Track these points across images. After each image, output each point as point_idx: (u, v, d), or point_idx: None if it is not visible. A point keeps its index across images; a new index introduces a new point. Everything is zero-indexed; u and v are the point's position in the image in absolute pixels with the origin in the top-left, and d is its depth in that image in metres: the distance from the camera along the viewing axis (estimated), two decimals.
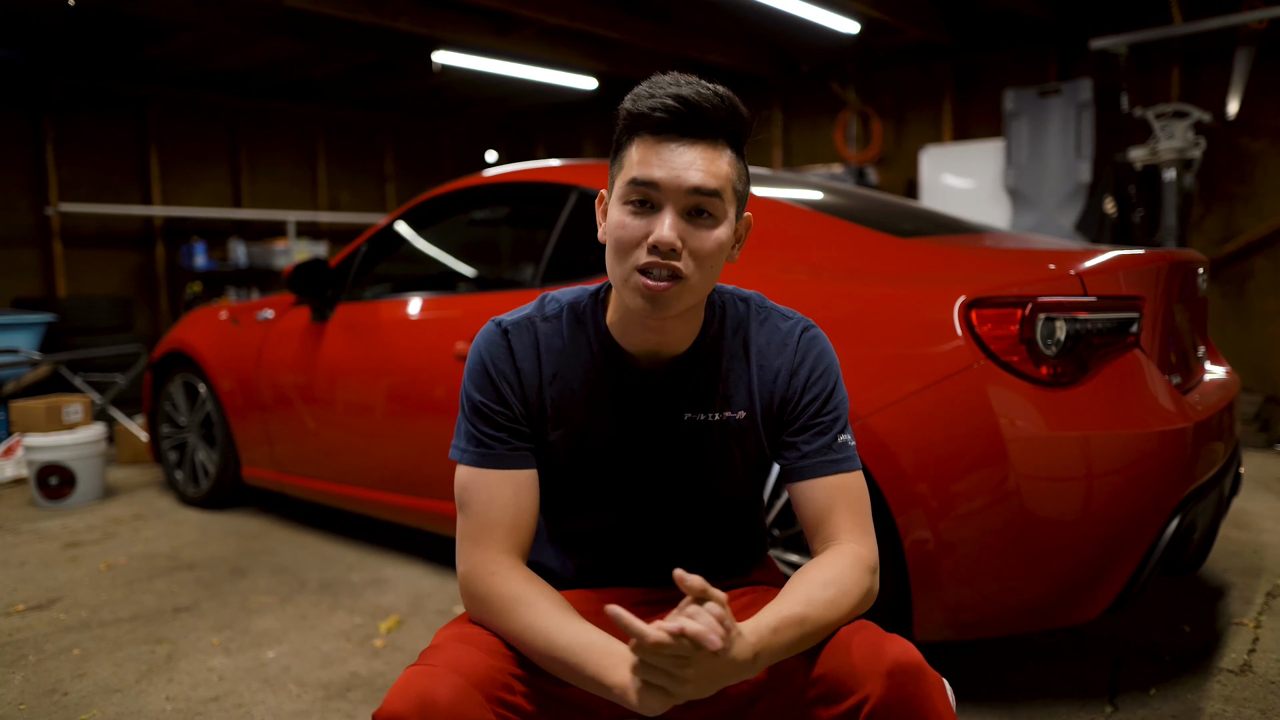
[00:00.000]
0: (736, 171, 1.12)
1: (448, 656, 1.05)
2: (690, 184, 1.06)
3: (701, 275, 1.10)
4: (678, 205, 1.07)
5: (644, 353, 1.20)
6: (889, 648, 1.02)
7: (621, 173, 1.11)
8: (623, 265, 1.10)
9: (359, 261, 3.34)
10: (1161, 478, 1.92)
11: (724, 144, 1.11)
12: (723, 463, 1.24)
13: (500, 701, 1.05)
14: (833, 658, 1.05)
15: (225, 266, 7.65)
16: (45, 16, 5.71)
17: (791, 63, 7.48)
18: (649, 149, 1.08)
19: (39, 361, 5.25)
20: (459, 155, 9.69)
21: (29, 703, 2.21)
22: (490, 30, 6.15)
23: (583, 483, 1.25)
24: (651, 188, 1.07)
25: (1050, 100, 5.83)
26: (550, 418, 1.21)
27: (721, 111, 1.08)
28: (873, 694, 1.00)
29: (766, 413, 1.23)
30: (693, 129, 1.08)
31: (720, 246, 1.10)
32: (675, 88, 1.07)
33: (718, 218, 1.10)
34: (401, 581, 3.04)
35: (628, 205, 1.09)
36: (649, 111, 1.07)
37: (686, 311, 1.14)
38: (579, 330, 1.22)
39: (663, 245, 1.06)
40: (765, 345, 1.23)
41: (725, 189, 1.09)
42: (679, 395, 1.22)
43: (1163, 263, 2.13)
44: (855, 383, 2.00)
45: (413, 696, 0.98)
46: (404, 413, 2.99)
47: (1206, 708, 2.02)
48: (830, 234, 2.38)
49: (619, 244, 1.09)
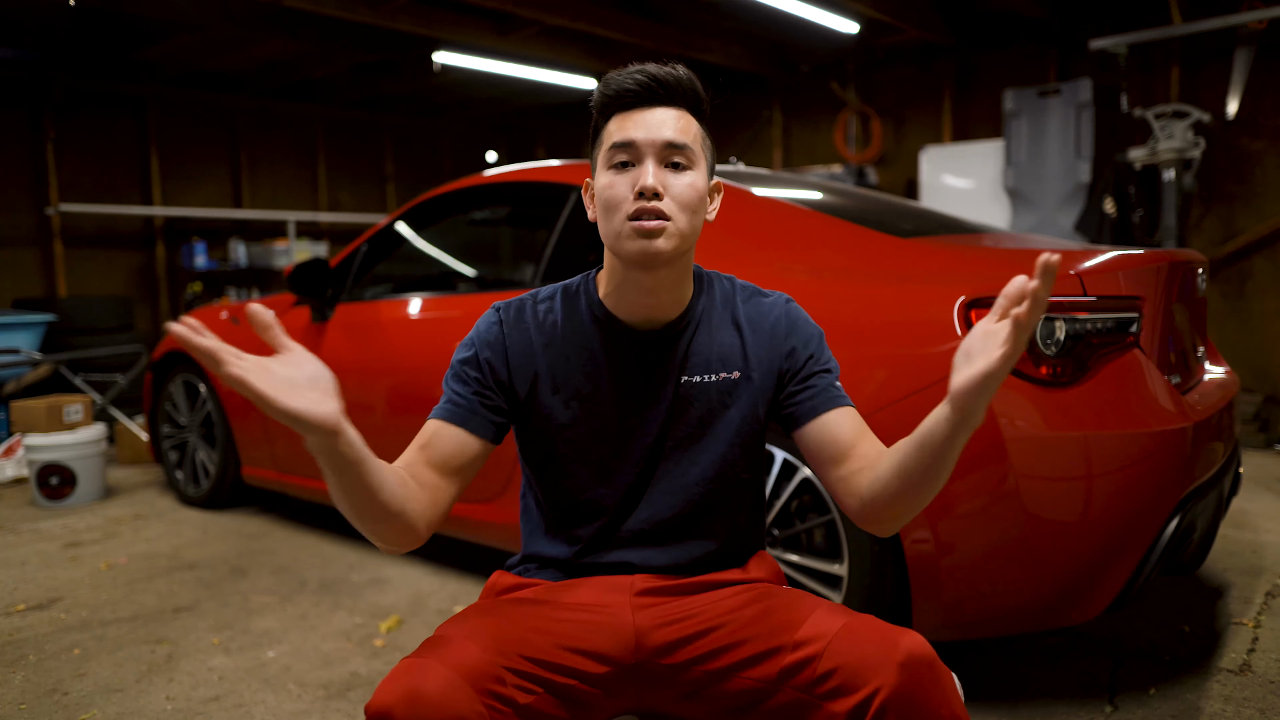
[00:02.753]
0: (703, 136, 1.25)
1: (440, 650, 1.06)
2: (665, 138, 1.19)
3: (685, 220, 1.19)
4: (656, 157, 1.19)
5: (637, 319, 1.27)
6: (901, 640, 1.04)
7: (602, 146, 1.23)
8: (614, 219, 1.19)
9: (359, 262, 3.34)
10: (1161, 478, 1.92)
11: (686, 110, 1.23)
12: (720, 423, 1.28)
13: (492, 694, 1.06)
14: (843, 651, 1.06)
15: (225, 266, 7.66)
16: (45, 16, 5.71)
17: (791, 63, 7.48)
18: (625, 118, 1.21)
19: (39, 361, 5.25)
20: (459, 155, 9.69)
21: (29, 703, 2.21)
22: (490, 30, 6.15)
23: (584, 448, 1.28)
24: (631, 147, 1.19)
25: (1050, 100, 5.83)
26: (544, 383, 1.27)
27: (685, 84, 1.22)
28: (885, 685, 1.00)
29: (761, 368, 1.29)
30: (660, 98, 1.21)
31: (698, 192, 1.20)
32: (640, 66, 1.22)
33: (692, 167, 1.21)
34: (401, 581, 3.05)
35: (612, 168, 1.20)
36: (620, 89, 1.21)
37: (673, 265, 1.22)
38: (573, 305, 1.31)
39: (648, 190, 1.16)
40: (753, 313, 1.33)
41: (696, 144, 1.22)
42: (673, 359, 1.28)
43: (1162, 263, 2.13)
44: (855, 382, 2.01)
45: (401, 689, 0.99)
46: (404, 413, 2.99)
47: (1206, 708, 2.02)
48: (830, 234, 2.38)
49: (608, 201, 1.20)
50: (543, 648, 1.15)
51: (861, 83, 7.20)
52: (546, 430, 1.28)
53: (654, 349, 1.28)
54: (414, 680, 1.00)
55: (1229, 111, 5.44)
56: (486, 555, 3.23)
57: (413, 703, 0.98)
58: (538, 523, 1.36)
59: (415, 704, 0.98)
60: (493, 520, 2.70)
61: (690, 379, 1.27)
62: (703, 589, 1.29)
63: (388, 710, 0.98)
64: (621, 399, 1.27)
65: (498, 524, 2.69)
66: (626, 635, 1.22)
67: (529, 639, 1.16)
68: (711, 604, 1.26)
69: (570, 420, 1.27)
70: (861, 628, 1.08)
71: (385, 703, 0.99)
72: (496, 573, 1.39)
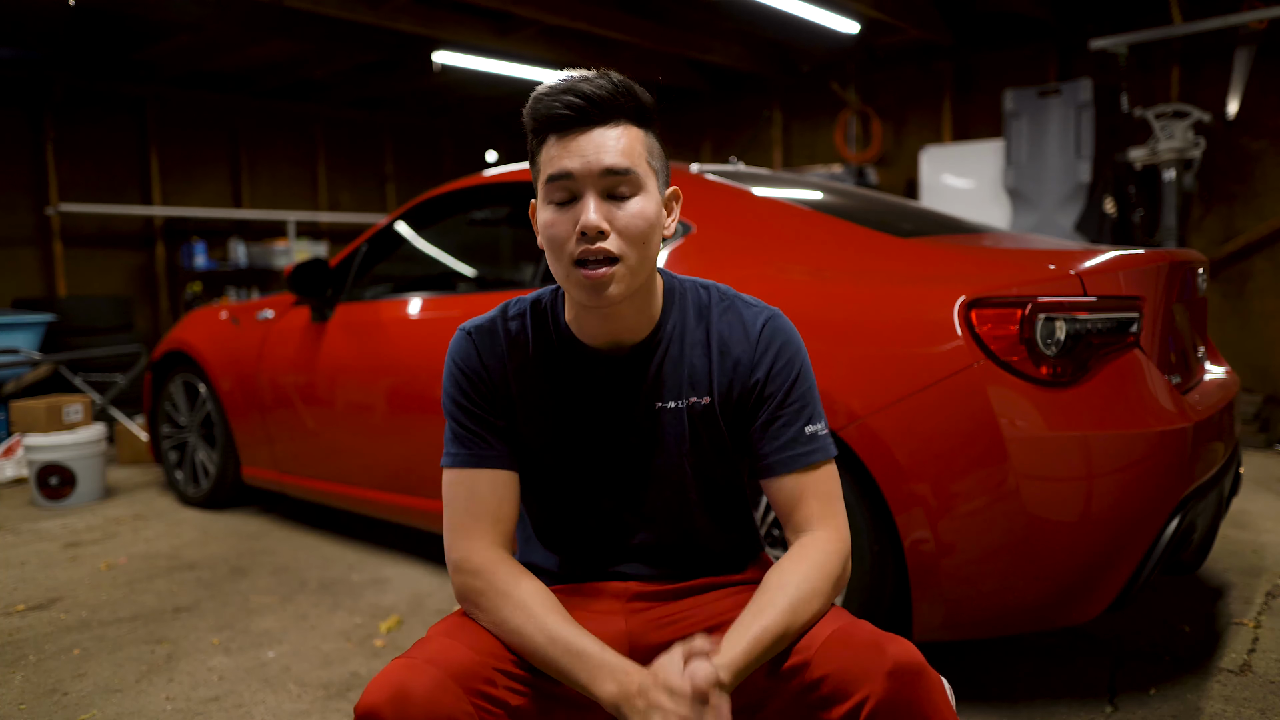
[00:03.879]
0: (647, 147, 1.15)
1: (430, 650, 1.06)
2: (603, 166, 1.09)
3: (636, 255, 1.12)
4: (596, 189, 1.10)
5: (603, 344, 1.22)
6: (890, 648, 1.03)
7: (540, 175, 1.14)
8: (561, 262, 1.13)
9: (359, 261, 3.34)
10: (1161, 478, 1.92)
11: (628, 123, 1.13)
12: (694, 448, 1.25)
13: (482, 694, 1.05)
14: (832, 660, 1.05)
15: (225, 266, 7.65)
16: (45, 16, 5.71)
17: (791, 63, 7.48)
18: (558, 146, 1.11)
19: (39, 361, 5.25)
20: (459, 155, 9.69)
21: (29, 703, 2.21)
22: (490, 30, 6.15)
23: (559, 475, 1.26)
24: (568, 179, 1.10)
25: (1050, 100, 5.82)
26: (519, 411, 1.24)
27: (619, 96, 1.11)
28: (873, 694, 1.00)
29: (725, 401, 1.24)
30: (594, 118, 1.11)
31: (647, 221, 1.12)
32: (569, 84, 1.11)
33: (638, 192, 1.12)
34: (401, 581, 3.04)
35: (551, 204, 1.13)
36: (548, 113, 1.11)
37: (634, 295, 1.17)
38: (541, 327, 1.26)
39: (590, 230, 1.08)
40: (727, 333, 1.24)
41: (638, 165, 1.12)
42: (641, 383, 1.23)
43: (1163, 263, 2.13)
44: (855, 382, 2.01)
45: (389, 689, 1.00)
46: (404, 412, 2.99)
47: (1206, 708, 2.02)
48: (830, 234, 2.38)
49: (552, 241, 1.12)
50: None
51: (861, 83, 7.20)
52: (524, 456, 1.26)
53: (622, 373, 1.23)
54: (402, 680, 1.00)
55: (1229, 111, 5.44)
56: None
57: (400, 702, 0.98)
58: (529, 532, 1.36)
59: (402, 704, 0.98)
60: None
61: (664, 405, 1.23)
62: (695, 592, 1.29)
63: (375, 710, 0.99)
64: (593, 425, 1.24)
65: None
66: (619, 639, 1.21)
67: None
68: (704, 606, 1.26)
69: (544, 446, 1.25)
70: (851, 635, 1.07)
71: (373, 702, 0.99)
72: None
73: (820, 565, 1.15)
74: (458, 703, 1.01)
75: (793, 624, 1.09)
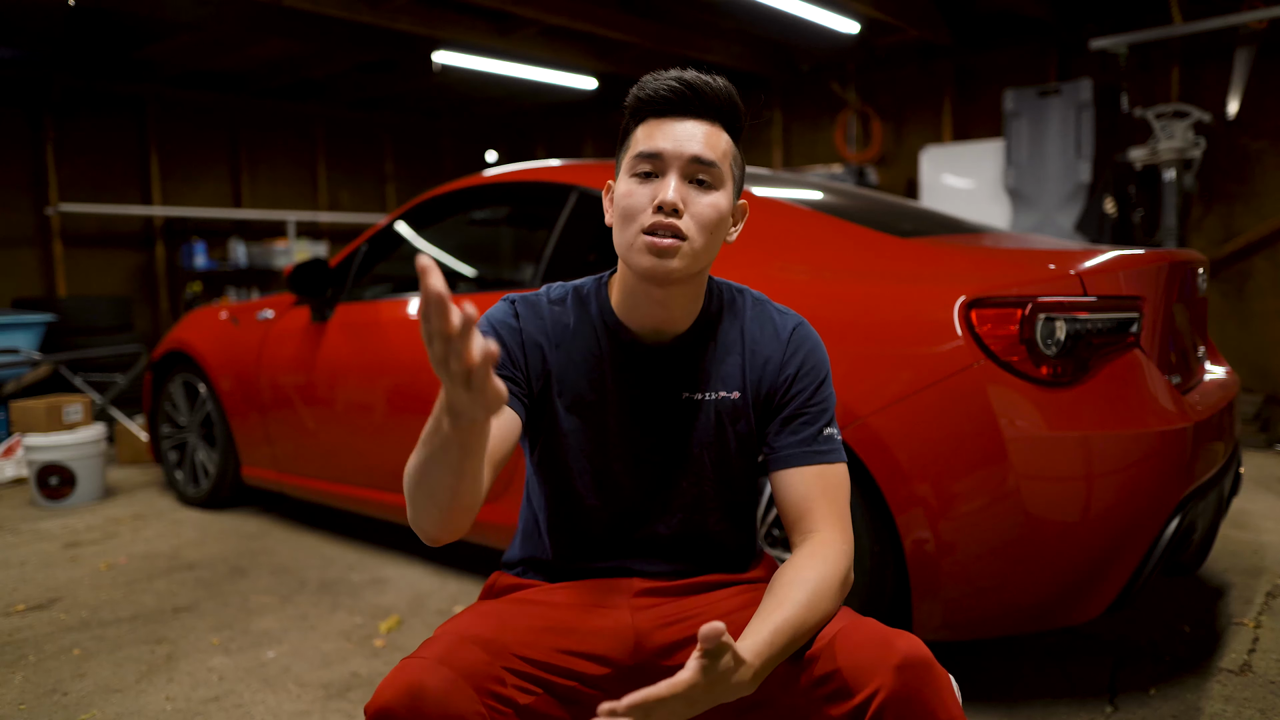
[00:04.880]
0: (734, 153, 1.20)
1: (440, 649, 1.06)
2: (691, 153, 1.14)
3: (702, 241, 1.15)
4: (681, 172, 1.15)
5: (647, 330, 1.24)
6: (898, 643, 1.03)
7: (628, 152, 1.19)
8: (629, 229, 1.16)
9: (359, 261, 3.34)
10: (1161, 478, 1.92)
11: (722, 127, 1.19)
12: (717, 441, 1.27)
13: (492, 694, 1.06)
14: (841, 654, 1.06)
15: (225, 266, 7.66)
16: (45, 16, 5.70)
17: (791, 63, 7.48)
18: (654, 126, 1.17)
19: (39, 361, 5.25)
20: (459, 155, 9.69)
21: (29, 703, 2.21)
22: (490, 30, 6.15)
23: (584, 457, 1.27)
24: (656, 158, 1.15)
25: (1050, 100, 5.82)
26: (553, 384, 1.25)
27: (721, 95, 1.17)
28: (883, 688, 1.00)
29: (755, 397, 1.27)
30: (694, 108, 1.16)
31: (719, 213, 1.16)
32: (679, 73, 1.17)
33: (717, 186, 1.17)
34: (401, 581, 3.04)
35: (634, 176, 1.17)
36: (654, 94, 1.16)
37: (688, 283, 1.19)
38: (583, 309, 1.28)
39: (667, 205, 1.12)
40: (759, 334, 1.28)
41: (724, 163, 1.17)
42: (678, 374, 1.26)
43: (1163, 263, 2.13)
44: (855, 383, 2.01)
45: (402, 688, 0.99)
46: (404, 412, 2.99)
47: (1206, 708, 2.02)
48: (830, 234, 2.38)
49: (626, 210, 1.16)
50: (542, 649, 1.15)
51: (861, 83, 7.20)
52: (550, 434, 1.27)
53: (660, 362, 1.26)
54: (414, 679, 1.00)
55: (1229, 111, 5.44)
56: (486, 555, 3.23)
57: (413, 702, 0.98)
58: (538, 524, 1.35)
59: (415, 703, 0.98)
60: (493, 521, 2.70)
61: (693, 396, 1.26)
62: (702, 589, 1.29)
63: (388, 708, 0.98)
64: (623, 410, 1.26)
65: (498, 524, 2.69)
66: (626, 637, 1.22)
67: (529, 640, 1.15)
68: (711, 605, 1.26)
69: (571, 427, 1.26)
70: (859, 630, 1.08)
71: (385, 701, 0.99)
72: (495, 573, 1.39)
73: (833, 565, 1.15)
74: (469, 703, 1.02)
75: (809, 619, 1.09)
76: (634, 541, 1.29)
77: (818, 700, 1.07)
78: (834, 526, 1.19)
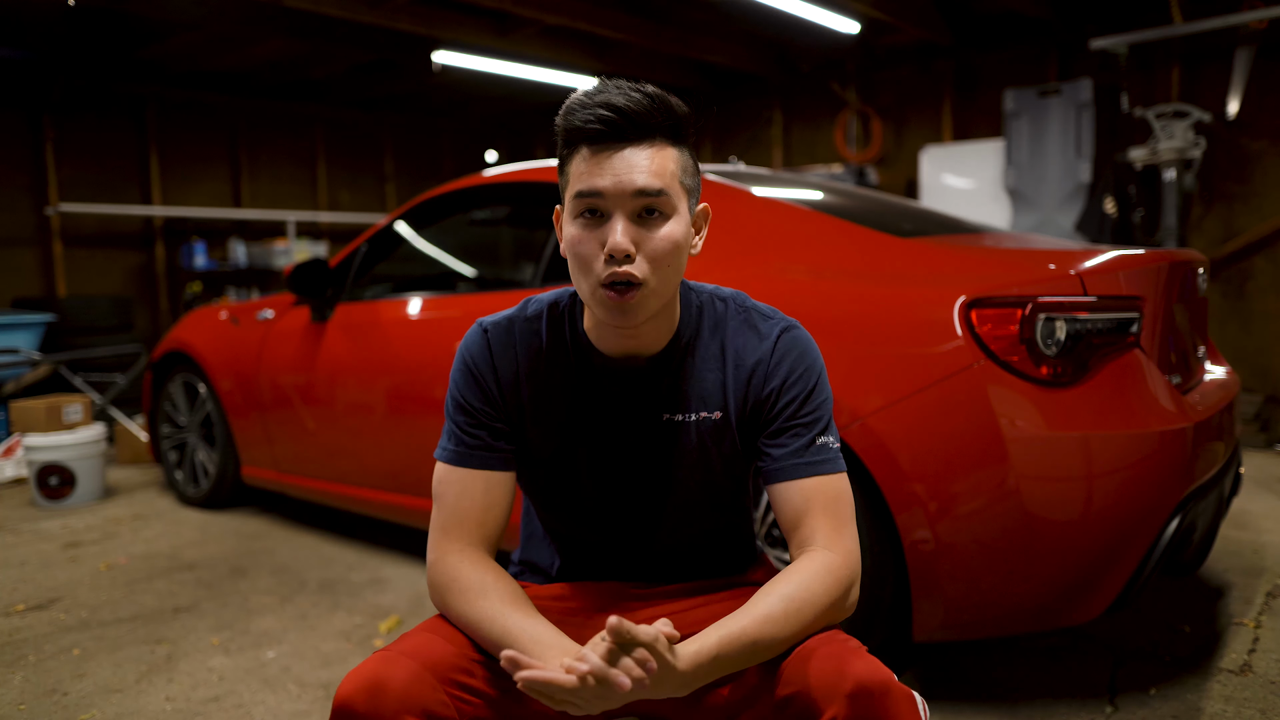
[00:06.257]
0: (681, 165, 1.13)
1: (407, 644, 1.07)
2: (635, 187, 1.07)
3: (660, 277, 1.10)
4: (626, 210, 1.08)
5: (620, 354, 1.20)
6: (851, 668, 0.99)
7: (569, 187, 1.12)
8: (587, 279, 1.11)
9: (359, 261, 3.34)
10: (1161, 478, 1.92)
11: (663, 141, 1.11)
12: (700, 462, 1.23)
13: (459, 685, 1.06)
14: (797, 678, 1.02)
15: (225, 266, 7.66)
16: (45, 16, 5.70)
17: (791, 63, 7.48)
18: (590, 160, 1.09)
19: (39, 361, 5.25)
20: (459, 155, 9.69)
21: (29, 703, 2.21)
22: (490, 30, 6.15)
23: (565, 481, 1.26)
24: (598, 197, 1.08)
25: (1050, 100, 5.82)
26: (528, 415, 1.23)
27: (655, 113, 1.09)
28: (838, 716, 0.97)
29: (740, 413, 1.22)
30: (629, 134, 1.08)
31: (675, 245, 1.10)
32: (605, 96, 1.08)
33: (668, 215, 1.10)
34: (401, 581, 3.04)
35: (579, 219, 1.10)
36: (583, 125, 1.08)
37: (656, 315, 1.15)
38: (558, 331, 1.24)
39: (617, 252, 1.06)
40: (742, 345, 1.22)
41: (671, 186, 1.10)
42: (655, 395, 1.22)
43: (1163, 263, 2.13)
44: (855, 383, 2.01)
45: (363, 681, 1.00)
46: (404, 413, 2.99)
47: (1206, 708, 2.02)
48: (830, 234, 2.38)
49: (578, 259, 1.11)
50: None
51: (861, 83, 7.19)
52: (530, 462, 1.25)
53: (636, 384, 1.21)
54: (377, 672, 1.01)
55: (1229, 111, 5.44)
56: None
57: (374, 694, 0.99)
58: (534, 530, 1.36)
59: (377, 695, 0.99)
60: None
61: (673, 417, 1.21)
62: (696, 592, 1.29)
63: (349, 701, 1.00)
64: (601, 434, 1.23)
65: None
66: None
67: None
68: (703, 606, 1.26)
69: (551, 453, 1.24)
70: (816, 652, 1.04)
71: (347, 694, 1.00)
72: None
73: (818, 580, 1.09)
74: (433, 693, 1.02)
75: (772, 632, 1.04)
76: (626, 556, 1.29)
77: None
78: (832, 544, 1.14)
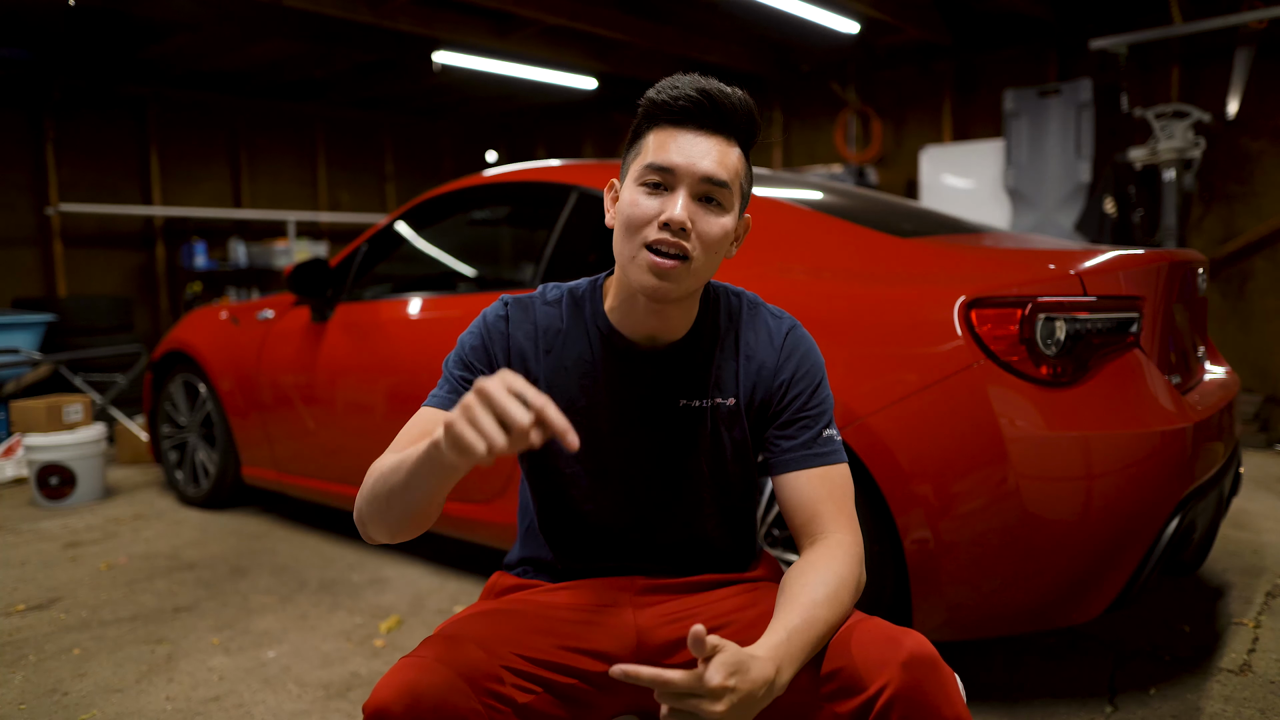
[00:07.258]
0: (745, 170, 1.19)
1: (438, 649, 1.06)
2: (704, 171, 1.12)
3: (705, 260, 1.14)
4: (690, 189, 1.12)
5: (641, 338, 1.23)
6: (905, 640, 1.04)
7: (638, 158, 1.16)
8: (632, 242, 1.14)
9: (359, 261, 3.34)
10: (1161, 478, 1.92)
11: (735, 142, 1.17)
12: (713, 449, 1.26)
13: (490, 693, 1.06)
14: (846, 652, 1.06)
15: (225, 266, 7.65)
16: (45, 16, 5.70)
17: (791, 63, 7.48)
18: (668, 136, 1.14)
19: (39, 361, 5.25)
20: (459, 155, 9.69)
21: (29, 703, 2.21)
22: (490, 30, 6.15)
23: (576, 463, 1.26)
24: (667, 172, 1.12)
25: (1050, 100, 5.82)
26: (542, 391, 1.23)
27: (740, 111, 1.15)
28: (889, 685, 1.00)
29: (750, 404, 1.26)
30: (710, 122, 1.14)
31: (724, 234, 1.15)
32: (698, 82, 1.14)
33: (725, 207, 1.15)
34: (401, 581, 3.04)
35: (643, 186, 1.14)
36: (671, 100, 1.13)
37: (686, 297, 1.18)
38: (577, 314, 1.27)
39: (674, 223, 1.10)
40: (754, 339, 1.27)
41: (734, 182, 1.15)
42: (673, 381, 1.25)
43: (1163, 263, 2.13)
44: (855, 382, 2.01)
45: (400, 688, 0.99)
46: (404, 413, 2.96)
47: (1206, 708, 2.02)
48: (830, 234, 2.38)
49: (630, 221, 1.13)
50: (543, 647, 1.15)
51: (861, 83, 7.19)
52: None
53: (654, 368, 1.24)
54: (412, 679, 1.00)
55: (1229, 111, 5.43)
56: (486, 555, 3.23)
57: (411, 701, 0.98)
58: (535, 525, 1.35)
59: (413, 702, 0.98)
60: (492, 520, 2.70)
61: (689, 403, 1.25)
62: (704, 587, 1.29)
63: (385, 707, 0.98)
64: (616, 416, 1.25)
65: (497, 524, 2.69)
66: (628, 634, 1.22)
67: (529, 639, 1.15)
68: (713, 603, 1.26)
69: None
70: (865, 628, 1.08)
71: (383, 701, 0.99)
72: (496, 573, 1.39)
73: (848, 565, 1.15)
74: (467, 701, 1.02)
75: (831, 617, 1.09)
76: (632, 546, 1.29)
77: (822, 697, 1.08)
78: (844, 528, 1.20)
